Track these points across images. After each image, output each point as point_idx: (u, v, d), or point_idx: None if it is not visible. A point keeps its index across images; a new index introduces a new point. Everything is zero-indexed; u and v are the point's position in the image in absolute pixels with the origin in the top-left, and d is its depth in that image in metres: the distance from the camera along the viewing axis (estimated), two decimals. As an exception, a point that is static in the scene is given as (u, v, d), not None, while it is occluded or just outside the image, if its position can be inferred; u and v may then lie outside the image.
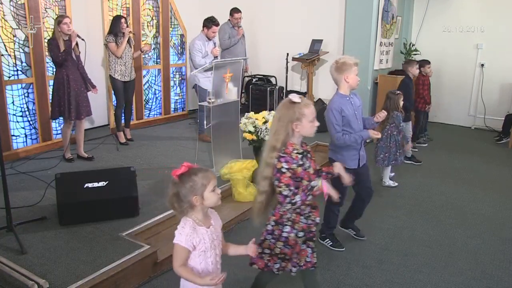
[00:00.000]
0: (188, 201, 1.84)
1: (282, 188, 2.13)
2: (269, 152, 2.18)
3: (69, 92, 4.59)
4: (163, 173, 4.55)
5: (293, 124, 2.15)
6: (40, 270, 2.73)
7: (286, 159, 2.14)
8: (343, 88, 3.12)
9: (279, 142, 2.15)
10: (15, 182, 4.17)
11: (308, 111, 2.17)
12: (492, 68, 7.14)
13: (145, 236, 3.33)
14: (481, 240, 3.60)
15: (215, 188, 1.88)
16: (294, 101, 2.16)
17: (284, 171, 2.13)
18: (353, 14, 6.45)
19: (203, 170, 1.88)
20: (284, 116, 2.17)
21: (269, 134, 2.27)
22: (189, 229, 1.83)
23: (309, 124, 2.18)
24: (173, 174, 1.85)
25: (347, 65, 3.03)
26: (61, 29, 4.50)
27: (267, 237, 2.29)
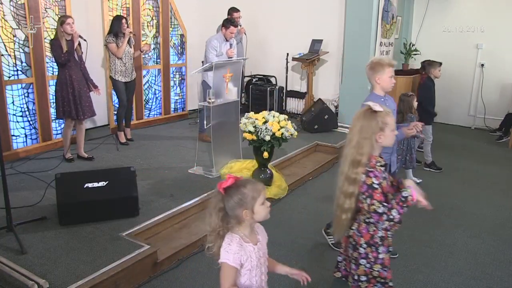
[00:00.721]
0: (236, 215, 1.71)
1: (376, 205, 1.97)
2: (351, 167, 2.01)
3: (73, 92, 4.60)
4: (163, 173, 4.56)
5: (376, 135, 2.02)
6: (40, 270, 2.73)
7: (375, 174, 2.00)
8: (376, 89, 3.01)
9: (364, 156, 2.00)
10: (15, 182, 4.17)
11: (391, 119, 2.05)
12: (492, 68, 7.14)
13: (145, 236, 3.33)
14: (481, 240, 3.60)
15: (265, 201, 1.75)
16: (376, 110, 2.02)
17: (376, 187, 1.98)
18: (353, 14, 6.45)
19: (251, 182, 1.75)
20: (366, 127, 2.01)
21: (347, 146, 2.08)
22: (236, 246, 1.71)
23: (391, 133, 2.06)
24: (219, 187, 1.73)
25: (379, 66, 2.92)
26: (64, 30, 4.50)
27: (361, 262, 2.11)
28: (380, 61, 2.95)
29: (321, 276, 2.99)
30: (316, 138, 6.06)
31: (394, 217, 1.96)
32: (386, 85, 2.97)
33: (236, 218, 1.72)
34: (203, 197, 3.97)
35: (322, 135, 6.20)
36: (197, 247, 3.38)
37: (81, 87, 4.67)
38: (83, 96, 4.69)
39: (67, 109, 4.63)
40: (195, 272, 3.07)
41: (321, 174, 5.20)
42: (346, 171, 2.04)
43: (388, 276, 2.13)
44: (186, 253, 3.27)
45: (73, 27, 4.54)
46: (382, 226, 2.03)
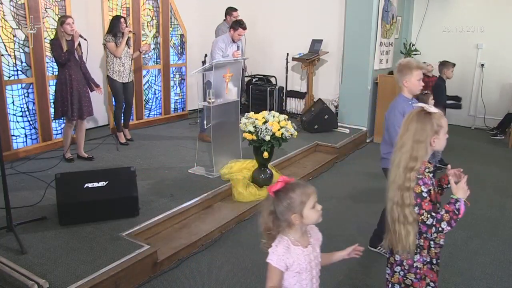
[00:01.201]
0: (285, 219, 1.69)
1: (425, 216, 1.84)
2: (404, 174, 1.86)
3: (72, 92, 4.60)
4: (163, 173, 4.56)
5: (431, 139, 1.89)
6: (40, 270, 2.73)
7: (424, 181, 1.86)
8: (404, 91, 2.95)
9: (418, 161, 1.86)
10: (15, 182, 4.17)
11: (445, 121, 1.93)
12: (492, 68, 7.14)
13: (145, 236, 3.33)
14: (481, 240, 3.60)
15: (316, 205, 1.71)
16: (430, 111, 1.89)
17: (425, 196, 1.85)
18: (353, 14, 6.45)
19: (301, 186, 1.70)
20: (420, 130, 1.88)
21: (398, 151, 1.92)
22: (282, 249, 1.70)
23: (444, 136, 1.94)
24: (269, 190, 1.71)
25: (407, 69, 2.87)
26: (64, 30, 4.50)
27: (396, 270, 2.02)
28: (408, 63, 2.89)
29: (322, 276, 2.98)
30: (316, 138, 6.06)
31: (443, 229, 1.84)
32: (414, 88, 2.92)
33: (286, 221, 1.70)
34: (203, 197, 3.97)
35: (322, 135, 6.19)
36: (197, 247, 3.38)
37: (80, 87, 4.67)
38: (83, 96, 4.69)
39: (66, 109, 4.63)
40: (195, 272, 3.08)
41: (321, 174, 5.20)
42: (399, 180, 1.89)
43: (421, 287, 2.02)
44: (186, 253, 3.27)
45: (73, 27, 4.54)
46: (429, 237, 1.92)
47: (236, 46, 5.72)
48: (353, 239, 3.51)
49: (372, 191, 4.60)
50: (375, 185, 4.85)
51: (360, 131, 6.52)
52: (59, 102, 4.63)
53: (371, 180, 5.03)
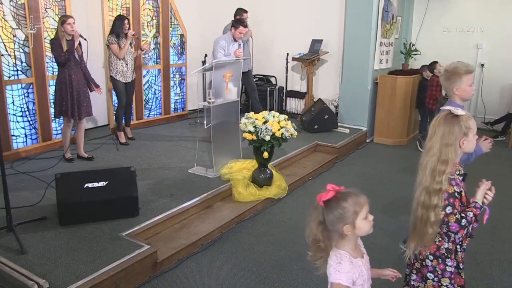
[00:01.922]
0: (336, 230, 1.63)
1: (458, 215, 1.86)
2: (432, 177, 1.87)
3: (72, 92, 4.60)
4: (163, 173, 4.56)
5: (460, 141, 1.88)
6: (40, 270, 2.73)
7: (456, 182, 1.89)
8: (455, 98, 2.75)
9: (449, 164, 1.86)
10: (15, 182, 4.17)
11: (473, 123, 1.91)
12: (492, 68, 7.14)
13: (145, 236, 3.33)
14: (481, 240, 3.60)
15: (368, 215, 1.65)
16: (458, 114, 1.88)
17: (457, 196, 1.87)
18: (353, 14, 6.45)
19: (353, 195, 1.64)
20: (448, 133, 1.87)
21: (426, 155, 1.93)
22: (348, 265, 1.62)
23: (474, 138, 1.92)
24: (319, 199, 1.63)
25: (456, 76, 2.68)
26: (65, 29, 4.50)
27: (429, 276, 2.00)
28: (456, 69, 2.70)
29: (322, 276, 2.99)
30: (316, 138, 6.06)
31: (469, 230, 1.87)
32: (466, 94, 2.72)
33: (338, 232, 1.64)
34: (203, 197, 3.97)
35: (322, 135, 6.19)
36: (197, 247, 3.38)
37: (80, 87, 4.67)
38: (82, 96, 4.68)
39: (64, 109, 4.63)
40: (195, 272, 3.08)
41: (321, 174, 5.20)
42: (426, 182, 1.89)
43: None
44: (186, 253, 3.27)
45: (74, 27, 4.53)
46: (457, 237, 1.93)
47: (238, 44, 5.72)
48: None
49: (372, 191, 4.60)
50: (375, 185, 4.85)
51: (360, 131, 6.51)
52: (58, 101, 4.63)
53: (371, 180, 5.03)
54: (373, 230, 1.92)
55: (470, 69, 2.71)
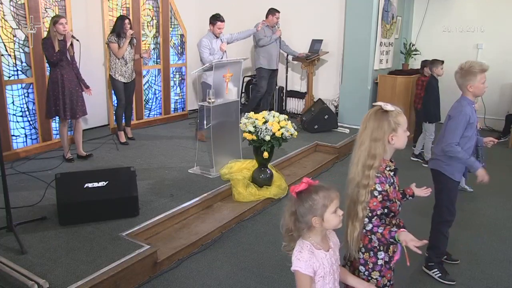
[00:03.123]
0: (305, 221, 1.67)
1: (368, 213, 1.89)
2: (362, 171, 1.87)
3: (64, 91, 4.59)
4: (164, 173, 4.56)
5: (389, 136, 1.89)
6: (40, 270, 2.73)
7: (381, 180, 1.88)
8: (468, 95, 2.89)
9: (377, 159, 1.87)
10: (15, 182, 4.17)
11: (403, 119, 1.92)
12: (492, 68, 7.06)
13: (145, 236, 3.33)
14: (481, 240, 3.60)
15: (337, 210, 1.69)
16: (387, 109, 1.89)
17: (376, 195, 1.87)
18: (353, 14, 6.45)
19: (325, 189, 1.68)
20: (377, 128, 1.88)
21: (357, 149, 1.94)
22: (307, 254, 1.67)
23: (404, 134, 1.92)
24: (292, 191, 1.69)
25: (471, 74, 2.80)
26: (57, 29, 4.49)
27: (360, 269, 1.98)
28: (471, 68, 2.81)
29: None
30: (316, 138, 6.06)
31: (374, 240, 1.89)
32: (479, 92, 2.87)
33: (306, 224, 1.68)
34: (203, 197, 3.97)
35: (322, 135, 6.19)
36: (197, 247, 3.38)
37: (73, 87, 4.66)
38: (75, 95, 4.68)
39: (57, 108, 4.62)
40: (195, 272, 3.08)
41: (321, 174, 5.20)
42: (356, 176, 1.89)
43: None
44: (186, 253, 3.27)
45: (66, 27, 4.53)
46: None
47: (220, 40, 5.76)
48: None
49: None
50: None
51: (360, 131, 6.50)
52: (52, 101, 4.62)
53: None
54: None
55: (485, 68, 2.81)
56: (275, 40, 6.67)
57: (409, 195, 2.26)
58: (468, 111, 2.86)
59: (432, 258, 3.08)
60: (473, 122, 2.90)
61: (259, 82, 6.80)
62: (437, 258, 3.07)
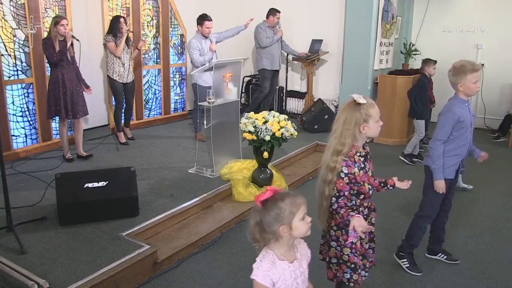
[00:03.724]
0: (273, 231, 1.60)
1: (336, 192, 2.07)
2: (332, 156, 2.07)
3: (65, 91, 4.60)
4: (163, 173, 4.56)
5: (360, 127, 2.07)
6: (40, 270, 2.73)
7: (348, 163, 2.05)
8: (460, 94, 2.90)
9: (346, 146, 2.06)
10: (15, 182, 4.17)
11: (374, 111, 2.07)
12: (492, 68, 7.14)
13: (145, 236, 3.33)
14: (481, 240, 3.60)
15: (305, 216, 1.64)
16: (359, 102, 2.05)
17: (342, 176, 2.04)
18: (353, 14, 6.44)
19: (291, 196, 1.63)
20: (349, 118, 2.07)
21: (331, 136, 2.14)
22: (267, 264, 1.62)
23: (376, 124, 2.09)
24: (256, 200, 1.62)
25: (462, 73, 2.81)
26: (58, 30, 4.50)
27: (332, 245, 2.16)
28: (462, 67, 2.82)
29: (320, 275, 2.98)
30: (316, 138, 6.06)
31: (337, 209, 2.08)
32: (470, 91, 2.86)
33: (273, 233, 1.61)
34: (203, 197, 3.97)
35: (322, 135, 6.19)
36: (197, 247, 3.38)
37: (73, 86, 4.67)
38: (76, 95, 4.68)
39: (58, 108, 4.63)
40: (195, 272, 3.08)
41: (321, 174, 5.19)
42: (327, 160, 2.09)
43: (359, 262, 2.16)
44: (186, 253, 3.27)
45: (67, 28, 4.54)
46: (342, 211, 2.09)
47: (209, 40, 5.76)
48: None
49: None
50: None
51: (360, 131, 6.50)
52: (52, 101, 4.62)
53: (371, 180, 5.02)
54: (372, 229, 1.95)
55: (476, 67, 2.81)
56: (277, 41, 6.67)
57: (390, 185, 2.39)
58: (458, 110, 2.87)
59: (404, 247, 3.16)
60: (464, 121, 2.89)
61: (262, 83, 6.80)
62: (408, 248, 3.14)
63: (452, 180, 3.02)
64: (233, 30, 6.20)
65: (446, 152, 2.95)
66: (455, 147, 2.95)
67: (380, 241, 3.54)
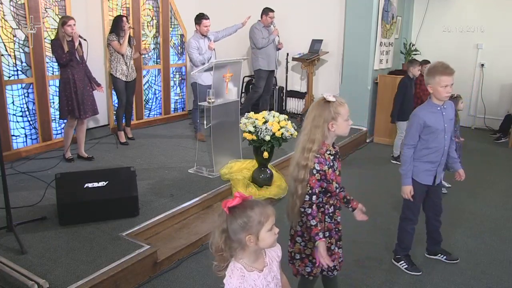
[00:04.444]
0: (238, 240, 1.54)
1: (309, 189, 2.05)
2: (302, 153, 2.07)
3: (76, 91, 4.62)
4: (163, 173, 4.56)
5: (328, 124, 2.07)
6: (40, 270, 2.73)
7: (319, 160, 2.06)
8: (432, 98, 2.83)
9: (315, 144, 2.05)
10: (15, 182, 4.17)
11: (343, 109, 2.08)
12: (492, 68, 7.14)
13: (145, 236, 3.33)
14: (481, 240, 3.60)
15: (273, 227, 1.58)
16: (328, 100, 2.06)
17: (314, 173, 2.05)
18: (353, 14, 6.45)
19: (260, 205, 1.57)
20: (318, 116, 2.07)
21: (301, 134, 2.13)
22: (237, 280, 1.56)
23: (345, 123, 2.10)
24: (224, 205, 1.54)
25: (431, 74, 2.75)
26: (65, 31, 4.51)
27: (297, 240, 2.18)
28: (433, 68, 2.77)
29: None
30: (316, 138, 6.05)
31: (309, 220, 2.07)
32: (438, 95, 2.75)
33: (239, 242, 1.54)
34: (203, 197, 3.97)
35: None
36: (197, 247, 3.38)
37: (83, 86, 4.69)
38: (86, 95, 4.71)
39: (71, 109, 4.64)
40: (195, 272, 3.08)
41: (321, 174, 5.19)
42: (297, 157, 2.09)
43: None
44: (186, 253, 3.27)
45: (74, 29, 4.55)
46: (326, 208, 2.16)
47: (208, 39, 5.76)
48: (352, 239, 3.51)
49: (372, 191, 4.60)
50: (375, 185, 4.85)
51: (360, 131, 6.51)
52: (64, 101, 4.63)
53: (371, 180, 5.03)
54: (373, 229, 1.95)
55: (448, 71, 2.73)
56: (272, 41, 6.66)
57: (351, 207, 2.32)
58: (423, 114, 2.82)
59: (397, 251, 3.18)
60: (432, 126, 2.80)
61: (257, 83, 6.79)
62: (402, 251, 3.17)
63: (430, 186, 2.97)
64: (230, 29, 6.20)
65: (418, 157, 2.92)
66: (427, 153, 2.89)
67: (380, 241, 3.55)
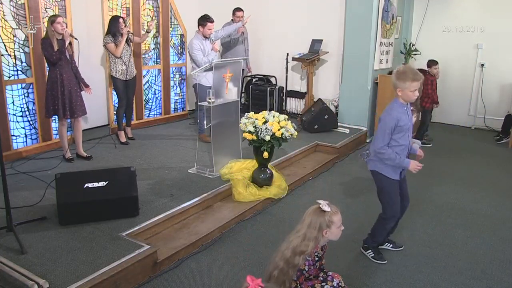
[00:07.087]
0: None
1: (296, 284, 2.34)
2: (294, 255, 2.28)
3: (63, 90, 4.59)
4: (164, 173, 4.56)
5: (323, 231, 2.30)
6: (40, 270, 2.73)
7: (310, 263, 2.34)
8: (399, 98, 2.95)
9: (309, 248, 2.28)
10: (15, 182, 4.17)
11: (337, 218, 2.32)
12: (492, 68, 7.14)
13: (145, 236, 3.33)
14: (481, 240, 3.60)
15: None
16: (324, 209, 2.30)
17: (304, 273, 2.35)
18: (353, 14, 6.45)
19: None
20: (314, 223, 2.30)
21: (293, 234, 2.35)
22: None
23: (337, 230, 2.33)
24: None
25: (401, 79, 2.85)
26: (55, 29, 4.49)
27: None
28: (404, 74, 2.86)
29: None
30: (316, 138, 6.06)
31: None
32: (407, 98, 2.92)
33: None
34: (203, 197, 3.97)
35: (322, 135, 6.19)
36: (197, 247, 3.38)
37: (71, 86, 4.66)
38: (74, 95, 4.67)
39: (56, 108, 4.62)
40: (195, 272, 3.08)
41: (321, 174, 5.20)
42: (286, 255, 2.29)
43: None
44: (186, 253, 3.27)
45: (64, 26, 4.54)
46: None
47: (210, 40, 5.76)
48: (352, 239, 3.51)
49: (372, 191, 4.59)
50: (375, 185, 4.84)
51: (360, 131, 6.51)
52: (50, 101, 4.61)
53: (371, 180, 5.02)
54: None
55: (417, 78, 2.85)
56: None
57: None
58: (396, 114, 2.92)
59: (367, 241, 3.31)
60: (402, 126, 2.92)
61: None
62: (372, 243, 3.29)
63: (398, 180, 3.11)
64: (230, 28, 6.20)
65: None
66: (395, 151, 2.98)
67: (380, 241, 3.55)
